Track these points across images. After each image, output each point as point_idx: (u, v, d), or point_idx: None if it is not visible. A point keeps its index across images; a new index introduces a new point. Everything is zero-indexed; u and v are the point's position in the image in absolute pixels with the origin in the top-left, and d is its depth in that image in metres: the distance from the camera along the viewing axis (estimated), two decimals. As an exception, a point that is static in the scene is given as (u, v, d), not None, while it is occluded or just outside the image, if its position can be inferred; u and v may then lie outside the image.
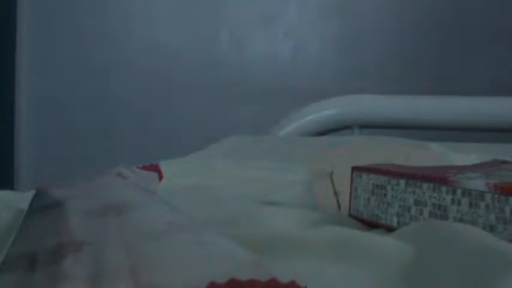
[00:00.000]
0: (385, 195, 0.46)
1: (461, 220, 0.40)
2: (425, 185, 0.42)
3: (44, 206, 0.32)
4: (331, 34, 2.19)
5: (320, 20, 2.19)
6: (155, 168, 0.54)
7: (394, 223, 0.45)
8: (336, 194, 0.56)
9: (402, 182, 0.44)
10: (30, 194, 0.58)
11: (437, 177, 0.42)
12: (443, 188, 0.41)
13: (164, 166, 0.80)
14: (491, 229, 0.38)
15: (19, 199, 0.54)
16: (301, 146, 1.04)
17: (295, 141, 1.19)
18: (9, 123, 2.22)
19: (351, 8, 2.18)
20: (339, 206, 0.55)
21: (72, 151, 2.26)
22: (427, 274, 0.31)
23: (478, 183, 0.39)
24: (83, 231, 0.27)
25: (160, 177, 0.55)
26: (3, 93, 2.19)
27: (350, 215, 0.50)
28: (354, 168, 0.50)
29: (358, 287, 0.32)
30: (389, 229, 0.45)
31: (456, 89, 2.00)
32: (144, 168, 0.53)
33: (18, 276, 0.24)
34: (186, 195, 0.63)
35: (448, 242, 0.33)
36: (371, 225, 0.48)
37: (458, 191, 0.40)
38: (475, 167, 0.49)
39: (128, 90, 2.25)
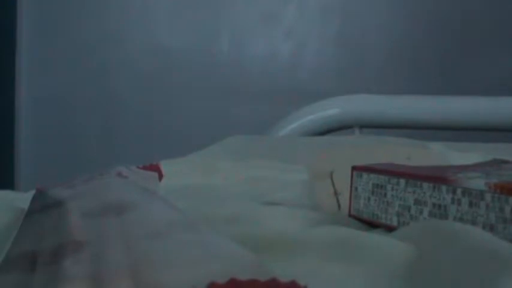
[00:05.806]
0: (385, 194, 0.46)
1: (461, 220, 0.40)
2: (425, 185, 0.42)
3: (44, 206, 0.32)
4: (331, 34, 2.19)
5: (320, 20, 2.19)
6: (155, 168, 0.54)
7: (394, 223, 0.45)
8: (336, 194, 0.56)
9: (402, 181, 0.44)
10: (30, 194, 0.58)
11: (437, 176, 0.42)
12: (444, 188, 0.41)
13: (164, 166, 0.80)
14: (491, 229, 0.38)
15: (19, 199, 0.54)
16: (301, 146, 1.04)
17: (295, 141, 1.19)
18: (9, 123, 2.22)
19: (351, 8, 2.18)
20: (339, 206, 0.55)
21: (72, 151, 2.26)
22: (427, 274, 0.31)
23: (478, 183, 0.39)
24: (83, 231, 0.27)
25: (161, 177, 0.55)
26: (3, 93, 2.19)
27: (350, 215, 0.50)
28: (354, 168, 0.50)
29: (358, 286, 0.32)
30: (390, 229, 0.45)
31: (456, 89, 2.00)
32: (144, 168, 0.53)
33: (18, 276, 0.24)
34: (186, 195, 0.63)
35: (448, 242, 0.33)
36: (371, 225, 0.48)
37: (458, 191, 0.40)
38: (475, 167, 0.49)
39: (128, 90, 2.25)
